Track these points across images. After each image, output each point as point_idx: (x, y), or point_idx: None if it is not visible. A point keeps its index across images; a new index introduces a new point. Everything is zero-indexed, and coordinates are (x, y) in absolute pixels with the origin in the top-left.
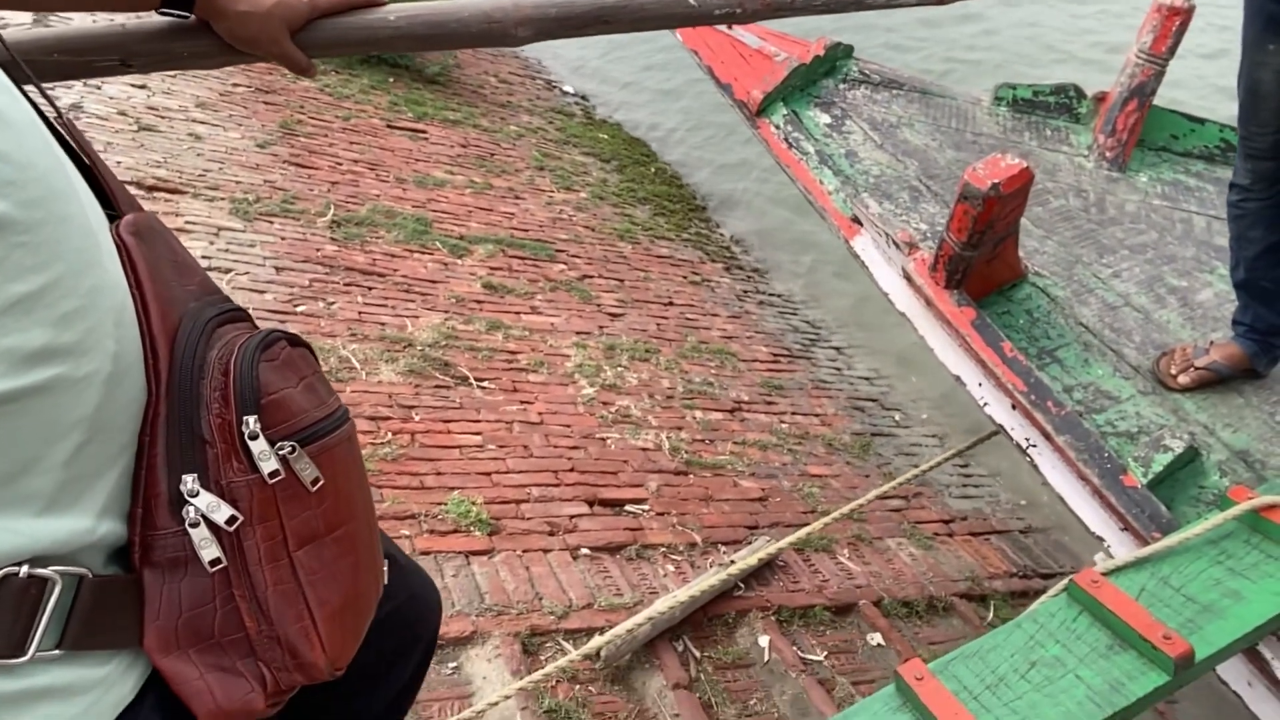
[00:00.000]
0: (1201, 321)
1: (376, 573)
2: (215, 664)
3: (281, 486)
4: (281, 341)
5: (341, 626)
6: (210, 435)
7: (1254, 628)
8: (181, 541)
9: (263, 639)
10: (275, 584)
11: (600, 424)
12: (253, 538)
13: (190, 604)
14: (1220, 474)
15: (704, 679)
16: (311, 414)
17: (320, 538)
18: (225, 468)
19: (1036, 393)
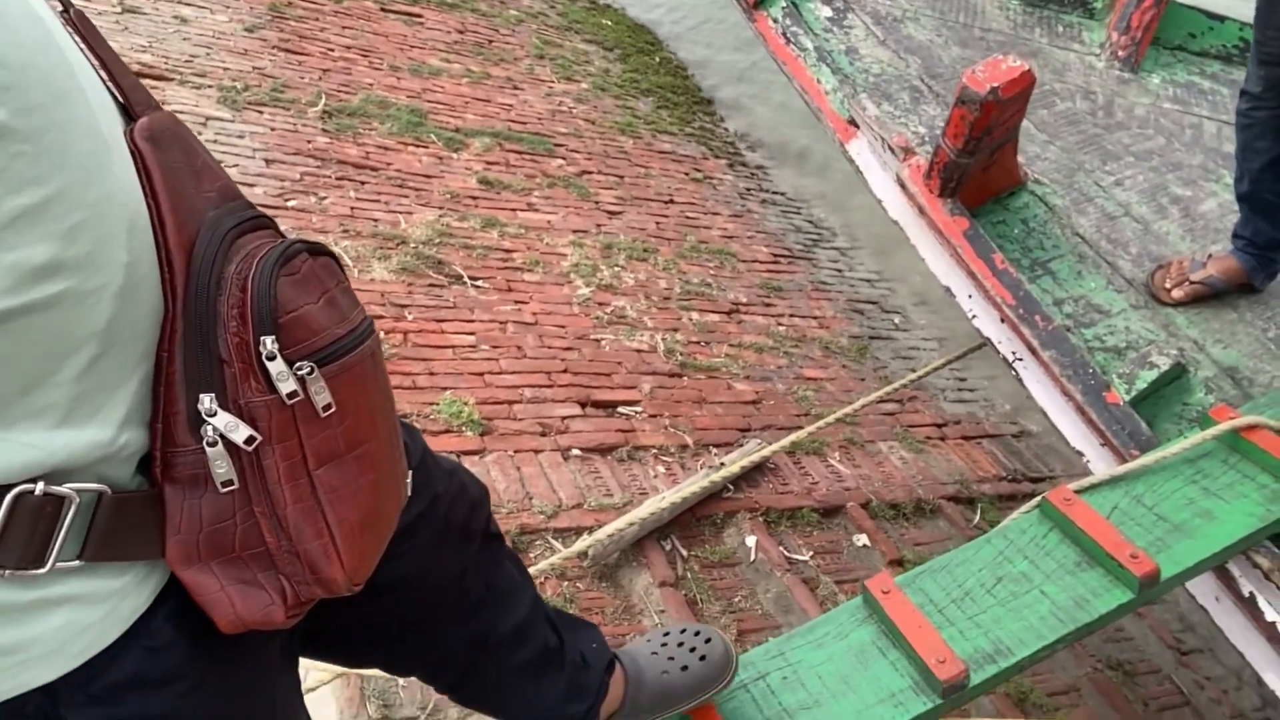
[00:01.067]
0: (1202, 234)
1: (398, 489)
2: (236, 577)
3: (300, 407)
4: (303, 254)
5: (360, 543)
6: (228, 354)
7: (1222, 548)
8: (201, 459)
9: (282, 553)
10: (295, 502)
11: (595, 325)
12: (272, 457)
13: (211, 519)
14: (1206, 391)
15: (690, 577)
16: (332, 331)
17: (340, 456)
18: (243, 387)
19: (1025, 306)
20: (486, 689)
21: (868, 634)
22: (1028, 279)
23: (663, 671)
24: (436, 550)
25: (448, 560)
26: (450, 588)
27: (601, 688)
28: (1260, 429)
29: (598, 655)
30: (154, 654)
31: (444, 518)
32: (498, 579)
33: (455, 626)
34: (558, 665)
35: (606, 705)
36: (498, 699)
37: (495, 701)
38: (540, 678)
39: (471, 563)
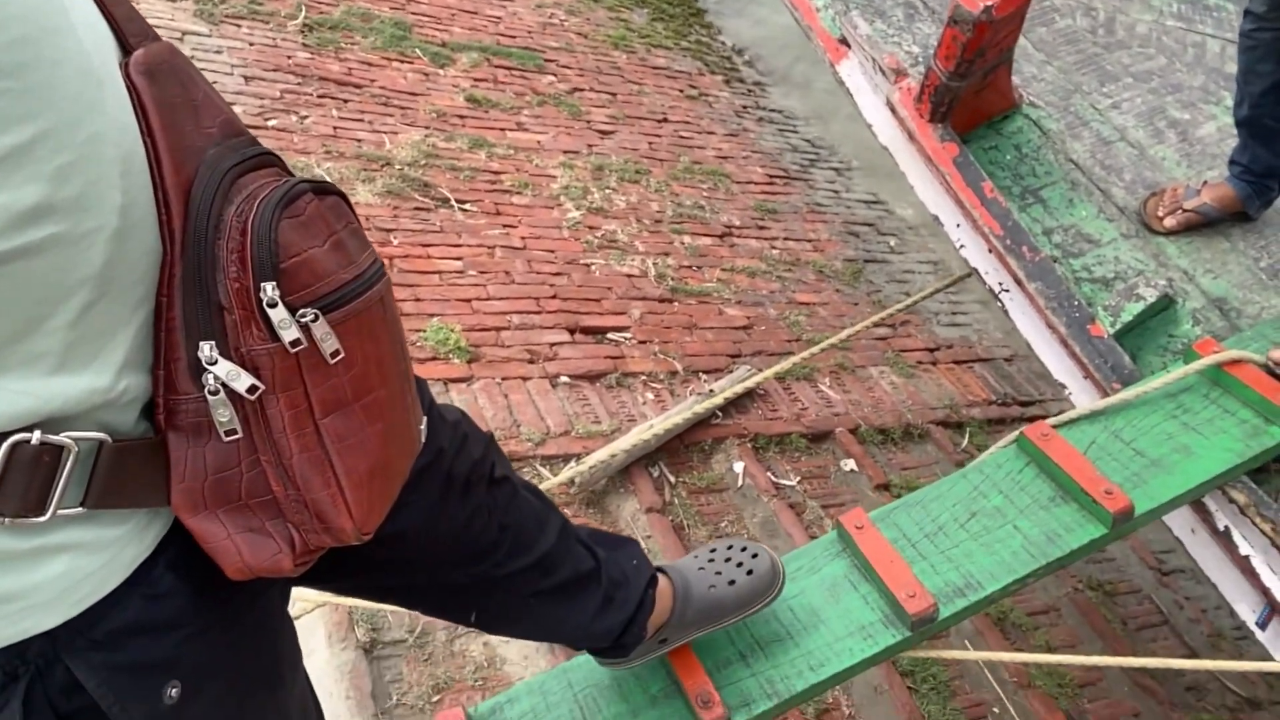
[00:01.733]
0: (1199, 159)
1: (409, 438)
2: (243, 525)
3: (305, 355)
4: (307, 194)
5: (369, 493)
6: (227, 301)
7: (1198, 484)
8: (204, 407)
9: (290, 502)
10: (301, 451)
11: (585, 249)
12: (276, 406)
13: (216, 467)
14: (1193, 323)
15: (678, 503)
16: (338, 276)
17: (348, 405)
18: (244, 335)
19: (1012, 237)
20: (510, 618)
21: (840, 568)
22: (1018, 208)
23: (710, 586)
24: (442, 502)
25: (453, 511)
26: (458, 535)
27: (646, 601)
28: (1243, 363)
29: (638, 571)
30: (154, 601)
31: (448, 471)
32: (510, 519)
33: (467, 569)
34: (595, 584)
35: (654, 618)
36: (527, 625)
37: (524, 627)
38: (575, 598)
39: (479, 509)
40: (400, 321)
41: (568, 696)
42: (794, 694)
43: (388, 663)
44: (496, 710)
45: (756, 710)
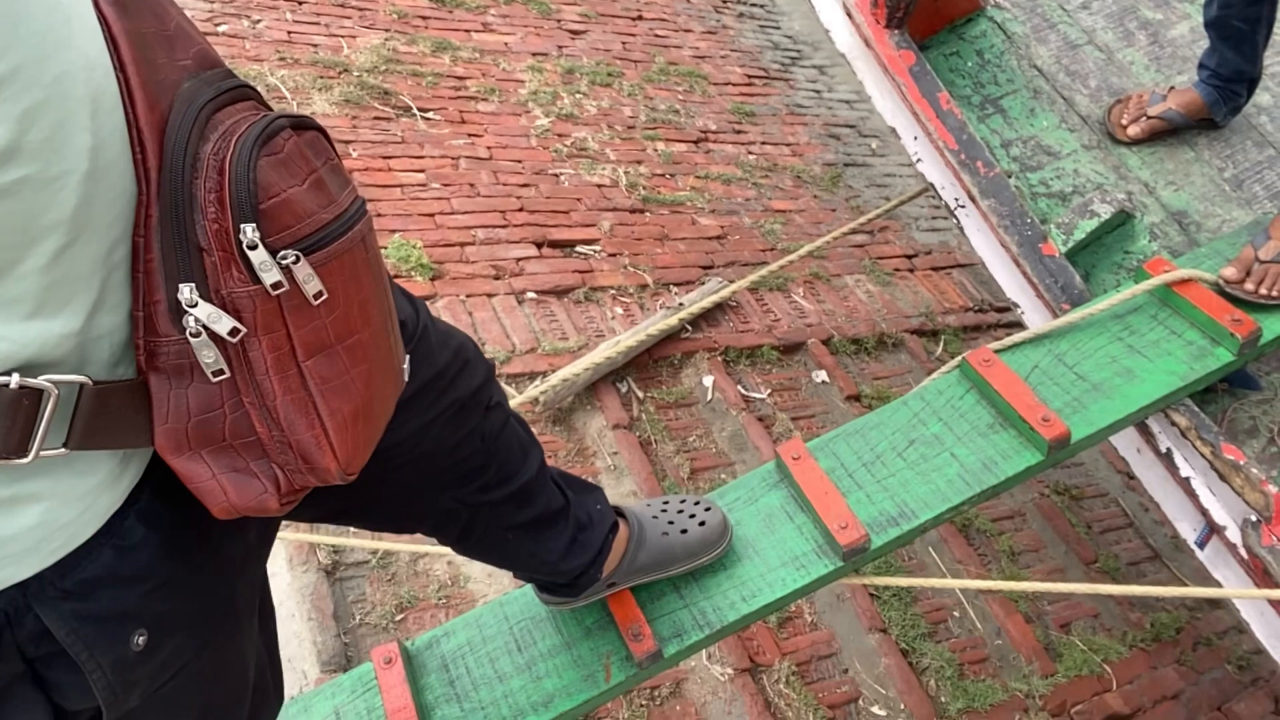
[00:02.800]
0: (1169, 63)
1: (393, 377)
2: (228, 465)
3: (287, 297)
4: (285, 131)
5: (354, 434)
6: (206, 242)
7: (1138, 409)
8: (185, 349)
9: (275, 443)
10: (284, 393)
11: (554, 159)
12: (258, 348)
13: (199, 409)
14: (1150, 238)
15: (645, 418)
16: (319, 216)
17: (330, 347)
18: (225, 277)
19: (967, 151)
20: (489, 544)
21: (777, 499)
22: (977, 117)
23: (663, 533)
24: (435, 424)
25: (446, 433)
26: (447, 457)
27: (606, 546)
28: (1193, 282)
29: (601, 515)
30: (125, 552)
31: (444, 393)
32: (498, 447)
33: (453, 492)
34: (564, 523)
35: (609, 563)
36: (502, 553)
37: (499, 555)
38: (544, 534)
39: (472, 433)
40: (382, 259)
41: (504, 629)
42: (725, 624)
43: (350, 584)
44: (433, 644)
45: (688, 641)
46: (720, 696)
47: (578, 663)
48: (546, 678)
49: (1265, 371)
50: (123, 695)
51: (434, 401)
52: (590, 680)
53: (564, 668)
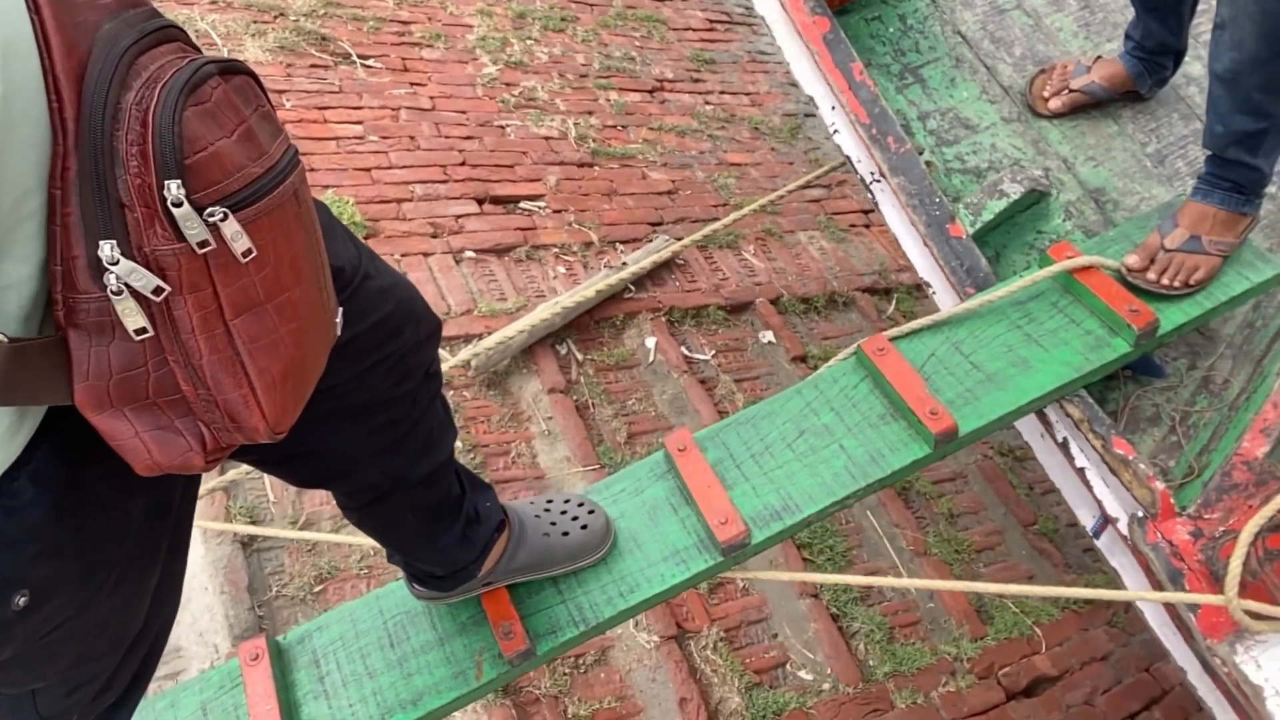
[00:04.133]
0: (1099, 29)
1: (325, 333)
2: (152, 423)
3: (214, 255)
4: (214, 79)
5: (283, 393)
6: (128, 198)
7: (1029, 401)
8: (106, 306)
9: (200, 402)
10: (211, 352)
11: (501, 109)
12: (184, 307)
13: (121, 367)
14: (1065, 217)
15: (584, 381)
16: (248, 170)
17: (259, 305)
18: (148, 234)
19: (879, 126)
20: (389, 520)
21: (663, 491)
22: (895, 87)
23: (544, 534)
24: (372, 373)
25: (382, 386)
26: (382, 413)
27: (489, 544)
28: (1095, 270)
29: (490, 513)
30: (12, 514)
31: (383, 344)
32: (427, 420)
33: (374, 459)
34: (455, 515)
35: (488, 562)
36: (396, 532)
37: (392, 533)
38: (438, 523)
39: (405, 396)
40: (314, 212)
41: (378, 623)
42: (601, 621)
43: (268, 555)
44: (305, 638)
45: (563, 638)
46: (645, 664)
47: (450, 659)
48: (417, 675)
49: (1172, 357)
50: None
51: (372, 349)
52: (461, 678)
53: (436, 664)
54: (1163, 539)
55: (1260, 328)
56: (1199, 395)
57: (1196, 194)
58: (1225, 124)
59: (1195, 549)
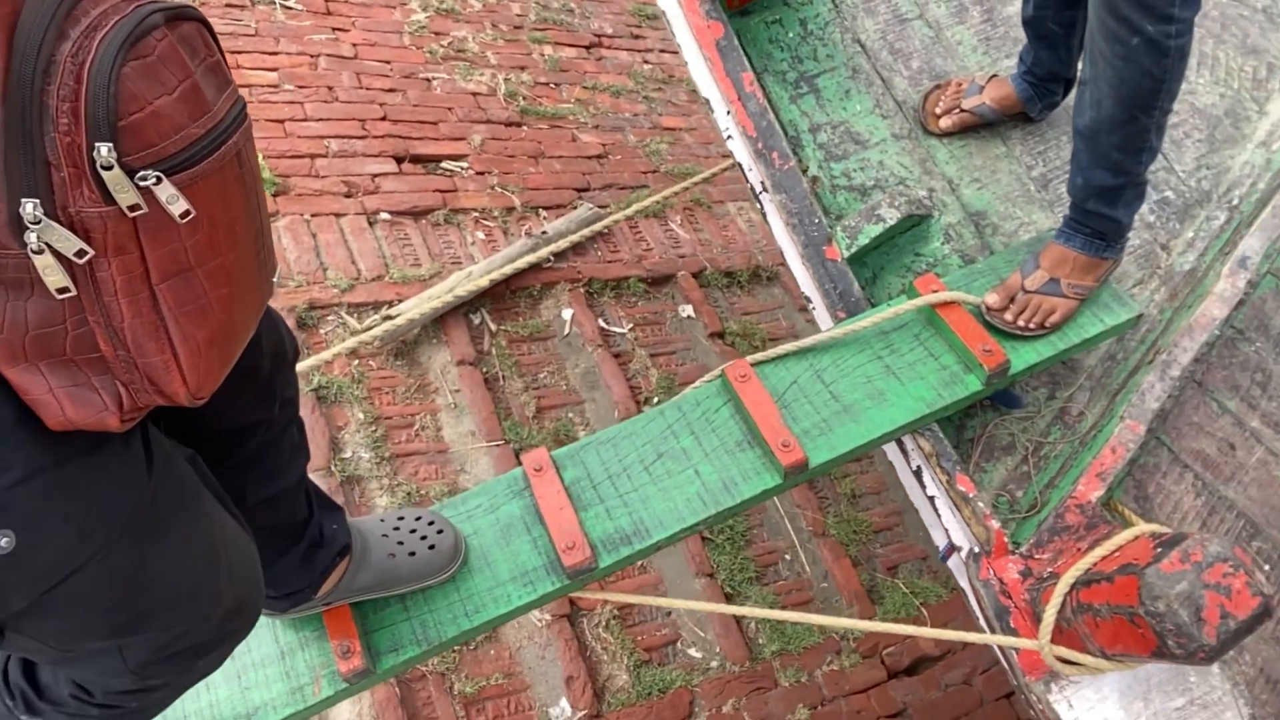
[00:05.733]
0: (999, 44)
1: (257, 297)
2: (67, 379)
3: (144, 219)
4: (159, 30)
5: (207, 359)
6: (55, 157)
7: (880, 435)
8: (25, 263)
9: (119, 362)
10: (133, 316)
11: (427, 60)
12: (107, 270)
13: (38, 323)
14: (944, 240)
15: (495, 353)
16: (188, 132)
17: (189, 270)
18: (74, 195)
19: (765, 140)
20: None
21: (518, 509)
22: (789, 97)
23: (390, 554)
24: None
25: (241, 413)
26: (229, 437)
27: (329, 568)
28: (955, 306)
29: (336, 536)
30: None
31: (252, 367)
32: (279, 444)
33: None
34: (298, 538)
35: (327, 583)
36: None
37: None
38: (279, 544)
39: (260, 425)
40: (258, 171)
41: None
42: (445, 640)
43: None
44: None
45: (404, 656)
46: (536, 641)
47: (288, 675)
48: (254, 689)
49: (1033, 387)
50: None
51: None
52: (298, 694)
53: (274, 679)
54: (994, 576)
55: (1121, 361)
56: (1054, 426)
57: (1060, 236)
58: (1085, 177)
59: (1023, 588)
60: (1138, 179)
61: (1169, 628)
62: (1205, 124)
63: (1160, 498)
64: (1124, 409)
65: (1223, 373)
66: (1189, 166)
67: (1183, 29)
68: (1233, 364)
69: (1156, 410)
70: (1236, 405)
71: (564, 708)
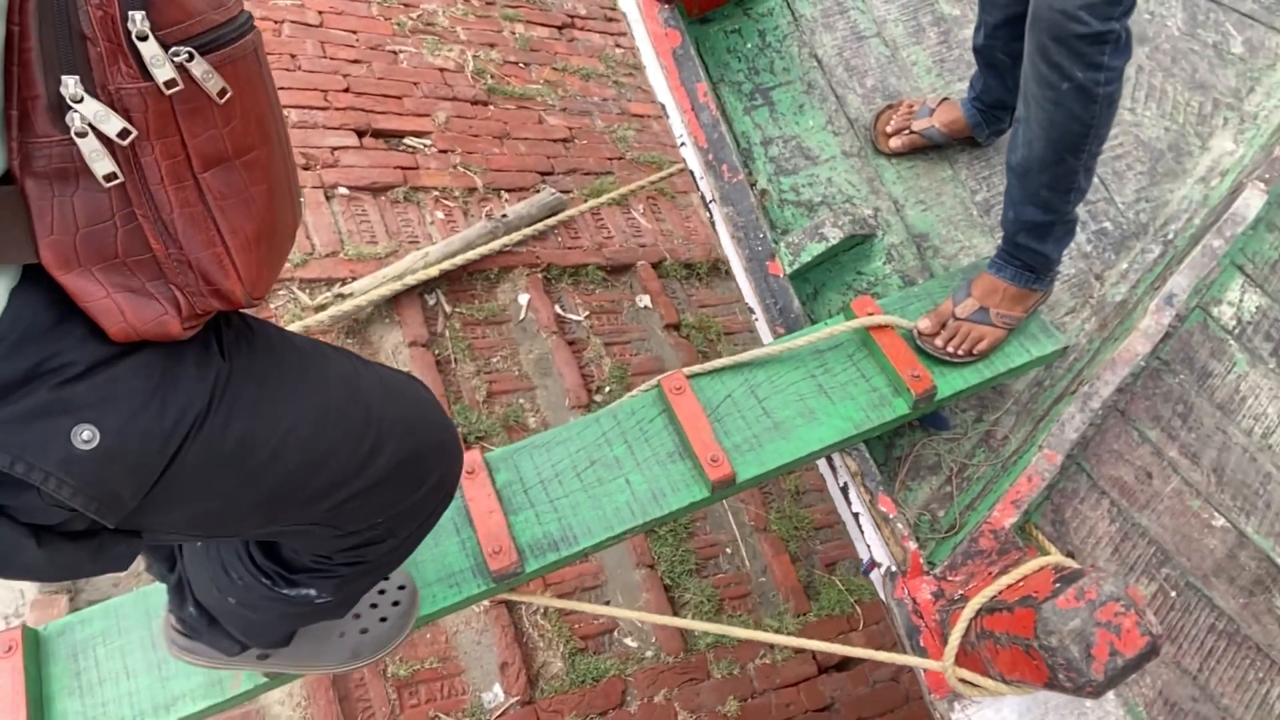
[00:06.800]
0: (953, 66)
1: (293, 202)
2: (123, 284)
3: (181, 99)
4: None
5: (258, 255)
6: (91, 30)
7: (808, 453)
8: (68, 151)
9: (172, 262)
10: (181, 206)
11: (395, 33)
12: (151, 154)
13: (87, 219)
14: (886, 260)
15: (449, 335)
16: (209, 17)
17: (228, 160)
18: (112, 71)
19: (716, 152)
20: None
21: (450, 510)
22: (744, 108)
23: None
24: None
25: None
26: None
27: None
28: (888, 330)
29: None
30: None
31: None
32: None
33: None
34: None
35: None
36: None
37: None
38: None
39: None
40: (274, 82)
41: (143, 622)
42: None
43: None
44: (67, 630)
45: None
46: (473, 626)
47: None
48: (174, 679)
49: (961, 409)
50: (103, 498)
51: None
52: (217, 686)
53: (194, 671)
54: (907, 595)
55: (1048, 388)
56: (979, 449)
57: (992, 266)
58: (1016, 212)
59: (934, 609)
60: (1066, 217)
61: (1060, 662)
62: (1148, 156)
63: (1076, 522)
64: (1043, 438)
65: (1146, 403)
66: (1129, 198)
67: (1112, 77)
68: (1156, 395)
69: (1075, 440)
70: (1157, 435)
71: (497, 693)
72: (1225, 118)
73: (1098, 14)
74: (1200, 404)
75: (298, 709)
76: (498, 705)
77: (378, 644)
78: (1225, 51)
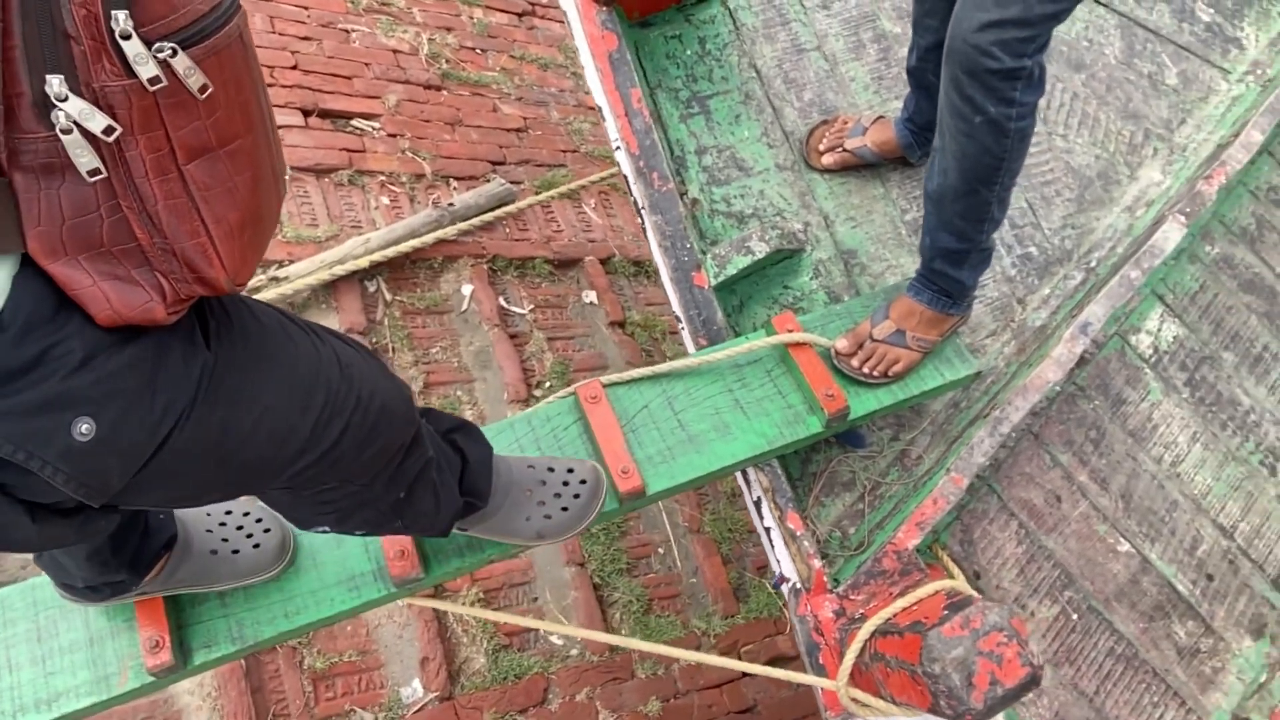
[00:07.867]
0: (891, 84)
1: (277, 186)
2: (109, 272)
3: (164, 94)
4: None
5: (241, 243)
6: (74, 29)
7: (720, 468)
8: (54, 147)
9: (156, 250)
10: (166, 198)
11: (348, 11)
12: (136, 149)
13: (73, 211)
14: (813, 275)
15: (388, 323)
16: (194, 8)
17: (212, 151)
18: (95, 69)
19: (647, 159)
20: None
21: None
22: (680, 115)
23: (212, 550)
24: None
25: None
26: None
27: (154, 559)
28: (807, 348)
29: (163, 527)
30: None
31: None
32: None
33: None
34: (130, 525)
35: (148, 575)
36: None
37: None
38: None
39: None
40: (259, 63)
41: (29, 614)
42: (260, 640)
43: None
44: None
45: (217, 653)
46: (395, 620)
47: (95, 662)
48: (58, 674)
49: (878, 427)
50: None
51: None
52: (103, 683)
53: (79, 666)
54: (810, 612)
55: (964, 409)
56: (893, 467)
57: (910, 289)
58: (932, 239)
59: (835, 627)
60: (981, 245)
61: (942, 689)
62: (1077, 184)
63: (985, 543)
64: (952, 461)
65: (1060, 427)
66: (1055, 224)
67: (1024, 112)
68: (1070, 420)
69: (983, 464)
70: (1068, 460)
71: (415, 688)
72: (1155, 148)
73: (1010, 50)
74: (1113, 430)
75: (208, 699)
76: (416, 700)
77: (560, 528)
78: (1160, 82)
